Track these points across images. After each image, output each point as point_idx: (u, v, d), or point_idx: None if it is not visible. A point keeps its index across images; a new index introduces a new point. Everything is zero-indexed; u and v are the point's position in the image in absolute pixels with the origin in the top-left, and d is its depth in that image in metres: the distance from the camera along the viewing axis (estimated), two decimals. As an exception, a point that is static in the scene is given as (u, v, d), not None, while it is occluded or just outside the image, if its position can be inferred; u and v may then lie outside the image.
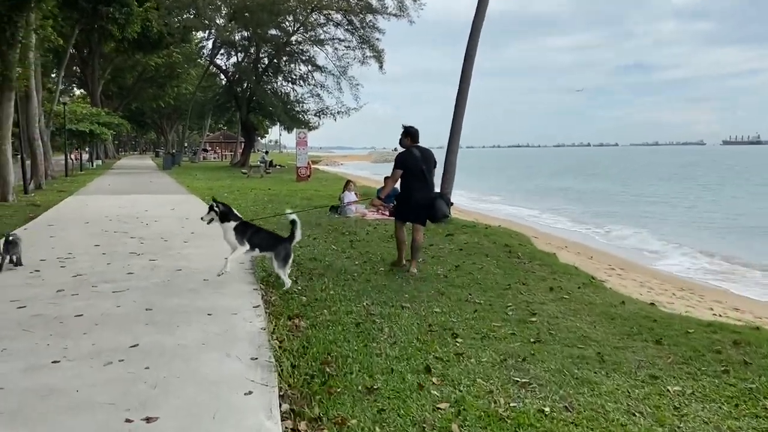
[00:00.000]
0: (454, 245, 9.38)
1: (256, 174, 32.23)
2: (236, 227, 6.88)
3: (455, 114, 12.18)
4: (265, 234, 7.10)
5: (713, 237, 17.90)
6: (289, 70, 44.94)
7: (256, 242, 6.86)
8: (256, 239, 6.87)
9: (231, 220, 6.92)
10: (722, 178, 50.60)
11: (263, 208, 15.16)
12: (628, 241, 16.75)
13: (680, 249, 15.46)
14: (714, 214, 24.05)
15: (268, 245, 6.79)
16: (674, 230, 19.10)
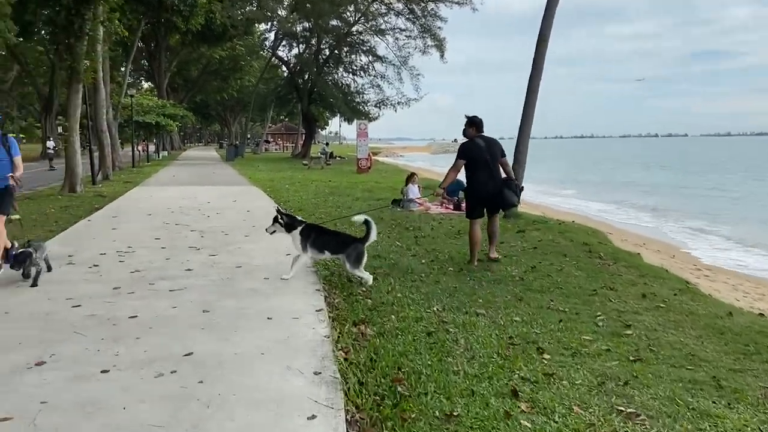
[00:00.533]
0: (527, 243, 8.73)
1: (317, 165, 32.17)
2: (300, 231, 6.57)
3: (527, 101, 11.46)
4: (332, 236, 6.70)
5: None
6: (349, 60, 44.72)
7: (321, 245, 6.50)
8: (320, 242, 6.51)
9: (296, 227, 6.61)
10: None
11: (324, 200, 14.84)
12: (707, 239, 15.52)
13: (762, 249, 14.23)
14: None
15: (336, 247, 6.42)
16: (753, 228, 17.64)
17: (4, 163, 6.81)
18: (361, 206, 13.67)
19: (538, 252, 8.05)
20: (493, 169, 7.25)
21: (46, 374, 3.73)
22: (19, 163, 6.92)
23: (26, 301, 5.45)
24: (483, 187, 7.28)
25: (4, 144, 6.83)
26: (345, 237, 6.68)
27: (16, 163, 6.88)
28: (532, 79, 11.48)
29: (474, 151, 7.28)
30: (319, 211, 12.56)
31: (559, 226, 10.75)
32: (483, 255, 7.70)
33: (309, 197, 15.52)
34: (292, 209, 12.87)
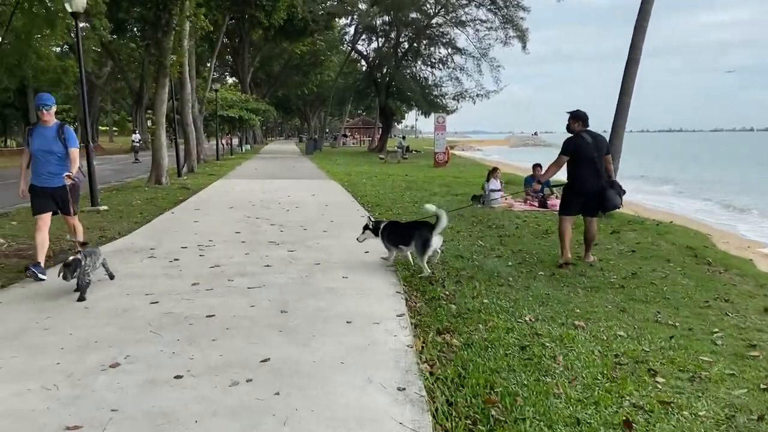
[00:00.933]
0: (624, 246, 8.06)
1: (393, 160, 31.93)
2: (381, 231, 6.81)
3: (622, 91, 10.66)
4: (401, 227, 6.81)
5: None
6: (428, 53, 44.24)
7: (394, 240, 6.68)
8: (393, 237, 6.70)
9: (379, 228, 6.88)
10: None
11: (401, 195, 14.52)
12: None
13: None
14: None
15: (405, 239, 6.51)
16: None
17: (60, 156, 6.22)
18: (439, 202, 13.25)
19: (638, 256, 7.39)
20: (598, 167, 6.86)
21: (119, 378, 3.57)
22: (75, 157, 6.27)
23: (106, 296, 5.40)
24: (585, 185, 6.89)
25: (60, 135, 6.20)
26: (412, 226, 6.64)
27: (72, 156, 6.24)
28: (627, 69, 10.68)
29: (580, 146, 6.89)
30: (396, 207, 12.26)
31: (656, 227, 9.94)
32: (576, 258, 7.15)
33: (386, 192, 15.24)
34: (369, 204, 12.65)
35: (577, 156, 6.90)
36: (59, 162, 6.19)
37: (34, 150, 6.17)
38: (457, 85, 43.33)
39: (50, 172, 6.18)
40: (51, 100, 6.24)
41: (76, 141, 6.31)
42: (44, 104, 6.15)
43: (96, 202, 12.25)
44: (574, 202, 7.06)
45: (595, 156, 6.84)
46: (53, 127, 6.24)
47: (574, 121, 7.09)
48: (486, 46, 40.72)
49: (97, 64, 52.71)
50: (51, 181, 6.19)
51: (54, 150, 6.16)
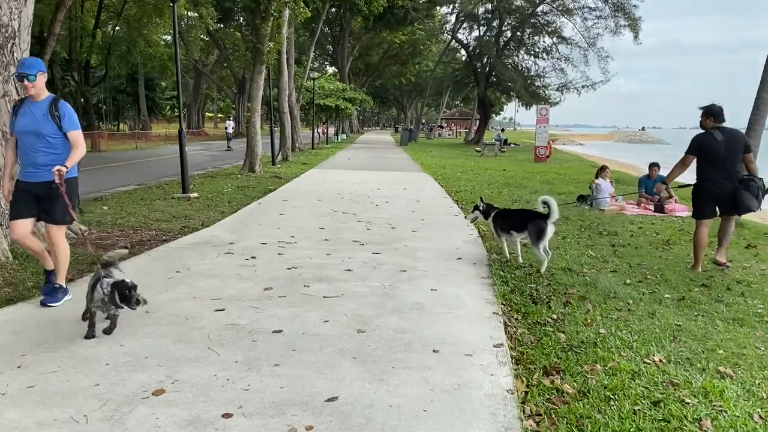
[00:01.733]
0: (766, 264, 6.78)
1: (490, 153, 30.71)
2: (493, 218, 6.84)
3: (762, 85, 9.18)
4: (514, 214, 6.87)
5: None
6: (531, 42, 42.47)
7: (507, 226, 6.65)
8: (506, 224, 6.67)
9: (491, 213, 6.90)
10: None
11: (498, 192, 13.54)
12: None
13: None
14: None
15: (517, 226, 6.49)
16: None
17: (51, 141, 4.58)
18: (535, 193, 12.20)
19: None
20: (730, 167, 6.33)
21: (159, 411, 3.00)
22: (77, 141, 4.64)
23: (170, 299, 4.93)
24: (715, 186, 6.40)
25: (53, 113, 4.56)
26: (527, 214, 6.64)
27: (74, 141, 4.63)
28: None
29: (708, 144, 6.42)
30: (493, 198, 11.31)
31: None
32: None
33: (482, 188, 14.30)
34: (464, 202, 11.80)
35: (704, 155, 6.45)
36: (49, 149, 4.57)
37: (18, 132, 4.63)
38: (561, 75, 41.43)
39: (36, 163, 4.59)
40: (35, 67, 4.52)
41: (76, 121, 4.70)
42: (26, 73, 4.47)
43: (187, 189, 12.17)
44: (704, 205, 6.58)
45: (726, 154, 6.32)
46: (44, 101, 4.59)
47: (706, 117, 6.58)
48: (594, 35, 38.64)
49: (204, 52, 54.75)
50: (37, 174, 4.61)
51: (43, 132, 4.53)
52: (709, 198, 6.50)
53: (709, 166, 6.44)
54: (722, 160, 6.34)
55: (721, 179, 6.35)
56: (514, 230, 6.51)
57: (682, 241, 8.20)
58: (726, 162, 6.33)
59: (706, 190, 6.49)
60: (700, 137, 6.54)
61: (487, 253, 7.03)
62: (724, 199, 6.42)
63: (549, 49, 41.72)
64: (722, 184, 6.35)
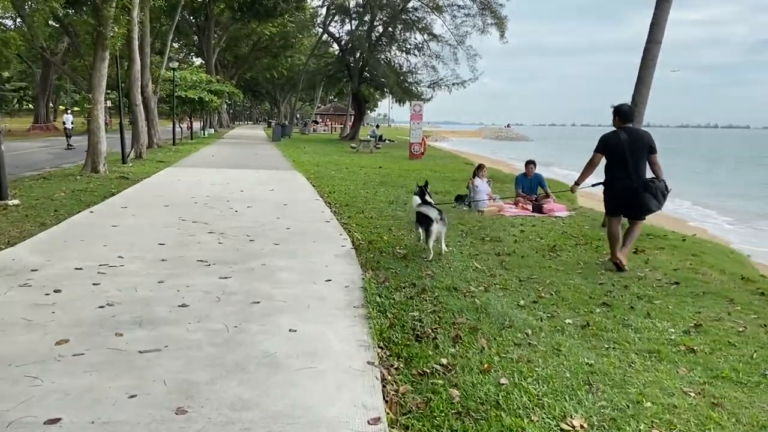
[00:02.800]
0: (661, 273, 6.25)
1: (366, 149, 29.91)
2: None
3: (639, 79, 8.85)
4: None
5: None
6: (403, 38, 42.18)
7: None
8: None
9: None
10: None
11: (374, 193, 12.58)
12: None
13: None
14: None
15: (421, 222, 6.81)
16: None
17: None
18: (418, 202, 11.39)
19: (687, 292, 5.56)
20: (632, 167, 6.29)
21: None
22: None
23: None
24: (614, 185, 6.45)
25: None
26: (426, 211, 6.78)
27: None
28: (647, 53, 8.86)
29: (612, 143, 6.42)
30: (369, 207, 10.33)
31: (683, 242, 8.19)
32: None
33: (357, 188, 13.28)
34: (337, 204, 10.70)
35: (609, 154, 6.45)
36: None
37: None
38: (433, 73, 41.56)
39: None
40: None
41: None
42: None
43: (4, 195, 10.06)
44: (610, 203, 6.62)
45: (628, 154, 6.27)
46: None
47: (614, 116, 6.62)
48: (463, 33, 38.93)
49: (54, 39, 49.42)
50: None
51: None
52: (614, 197, 6.51)
53: (611, 166, 6.46)
54: (625, 160, 6.27)
55: (625, 179, 6.31)
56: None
57: (567, 246, 7.62)
58: (629, 162, 6.26)
59: (611, 188, 6.51)
60: (606, 136, 6.56)
61: (362, 270, 5.95)
62: (627, 199, 6.38)
63: (420, 46, 41.68)
64: (625, 184, 6.32)
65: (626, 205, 6.46)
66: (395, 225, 8.71)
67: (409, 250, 7.06)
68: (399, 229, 8.36)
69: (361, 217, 9.31)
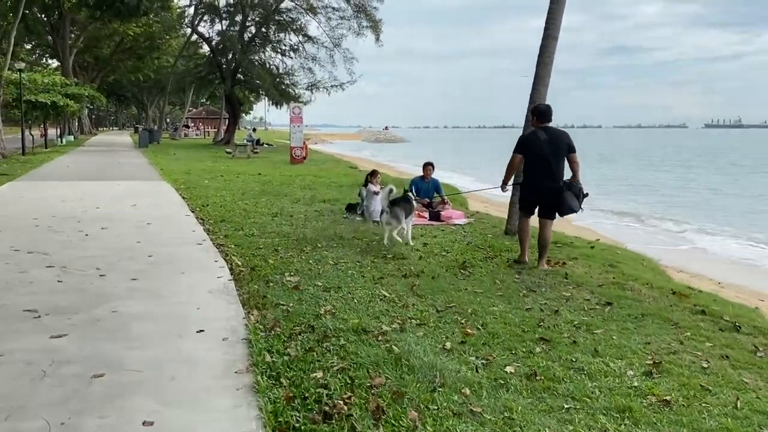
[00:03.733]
0: (586, 291, 5.53)
1: (242, 154, 28.08)
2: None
3: (536, 77, 8.25)
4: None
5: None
6: (278, 39, 40.62)
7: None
8: None
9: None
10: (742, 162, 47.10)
11: (254, 203, 11.24)
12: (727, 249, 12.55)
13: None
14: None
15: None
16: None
17: None
18: (306, 212, 10.20)
19: (623, 314, 4.81)
20: (553, 167, 6.25)
21: None
22: None
23: None
24: (538, 186, 6.39)
25: None
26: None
27: None
28: (543, 50, 8.28)
29: (531, 144, 6.36)
30: (249, 223, 9.01)
31: (591, 250, 7.67)
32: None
33: (235, 199, 11.84)
34: (211, 220, 9.28)
35: (529, 154, 6.41)
36: None
37: None
38: (310, 75, 40.36)
39: None
40: None
41: None
42: None
43: None
44: (526, 200, 6.63)
45: (548, 154, 6.22)
46: None
47: (532, 115, 6.62)
48: (339, 35, 38.14)
49: None
50: None
51: None
52: (531, 196, 6.50)
53: (532, 166, 6.40)
54: (544, 160, 6.21)
55: (544, 179, 6.26)
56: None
57: (477, 261, 6.81)
58: (548, 162, 6.20)
59: (529, 188, 6.50)
60: (525, 136, 6.53)
61: (245, 311, 4.72)
62: (546, 199, 6.33)
63: (296, 48, 40.33)
64: (545, 184, 6.28)
65: (547, 205, 6.38)
66: (282, 244, 7.49)
67: (301, 275, 5.91)
68: (287, 249, 7.16)
69: (240, 236, 8.00)
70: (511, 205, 8.24)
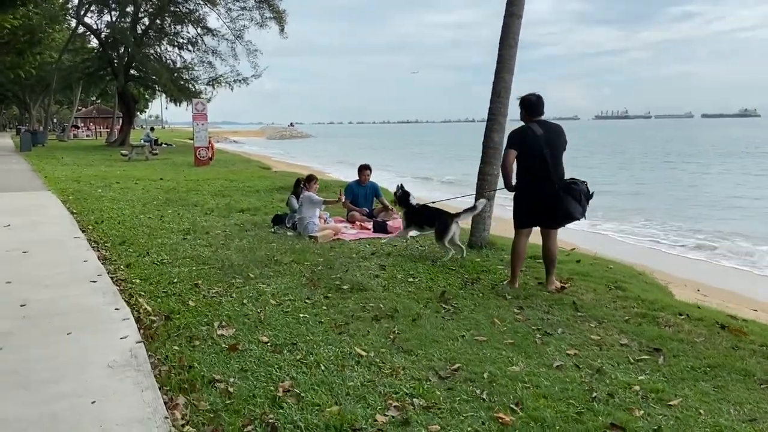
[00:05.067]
0: (613, 328, 4.31)
1: (140, 156, 25.29)
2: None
3: (500, 62, 6.99)
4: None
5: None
6: (175, 32, 37.57)
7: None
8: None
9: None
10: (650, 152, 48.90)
11: (159, 217, 9.36)
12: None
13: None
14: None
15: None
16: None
17: None
18: (225, 226, 8.49)
19: (680, 366, 3.61)
20: (550, 166, 5.19)
21: None
22: None
23: None
24: (534, 190, 5.28)
25: None
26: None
27: None
28: (506, 28, 7.02)
29: (527, 140, 5.27)
30: (156, 245, 7.22)
31: (578, 264, 6.52)
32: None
33: (135, 212, 9.86)
34: (107, 242, 7.41)
35: (524, 152, 5.26)
36: None
37: None
38: (211, 69, 37.68)
39: None
40: None
41: None
42: None
43: None
44: (522, 210, 5.44)
45: (546, 152, 5.18)
46: None
47: (520, 108, 5.48)
48: (240, 27, 35.75)
49: None
50: None
51: None
52: (527, 202, 5.35)
53: (527, 165, 5.27)
54: (544, 159, 5.16)
55: (541, 180, 5.19)
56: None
57: (455, 287, 5.47)
58: (547, 161, 5.16)
59: (524, 192, 5.35)
60: (521, 131, 5.34)
61: (166, 399, 3.11)
62: (543, 205, 5.25)
63: (194, 41, 37.48)
64: (542, 186, 5.19)
65: (543, 212, 5.29)
66: (203, 274, 5.82)
67: (236, 324, 4.34)
68: (211, 282, 5.51)
69: (147, 264, 6.24)
70: (476, 216, 6.97)
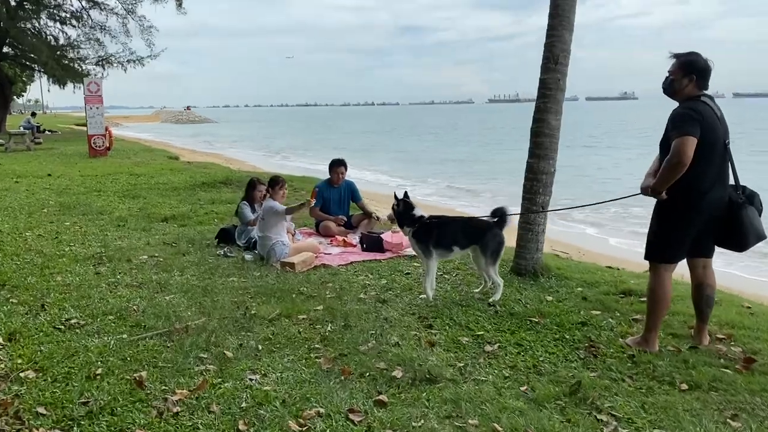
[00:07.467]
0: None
1: (20, 146, 21.21)
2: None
3: (553, 23, 5.06)
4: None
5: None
6: (56, 4, 32.65)
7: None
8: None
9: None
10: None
11: (55, 235, 6.79)
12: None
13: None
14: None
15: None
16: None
17: None
18: (150, 247, 6.11)
19: None
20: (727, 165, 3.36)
21: None
22: None
23: None
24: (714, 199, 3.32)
25: None
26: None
27: None
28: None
29: (709, 124, 3.23)
30: (55, 287, 4.79)
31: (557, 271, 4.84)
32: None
33: (18, 228, 7.15)
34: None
35: (705, 142, 3.22)
36: None
37: None
38: (99, 47, 33.22)
39: None
40: None
41: None
42: None
43: None
44: (681, 233, 3.38)
45: (722, 142, 3.32)
46: None
47: (684, 74, 3.32)
48: (132, 1, 31.61)
49: None
50: None
51: None
52: (695, 220, 3.37)
53: (702, 160, 3.25)
54: (723, 153, 3.36)
55: (714, 183, 3.36)
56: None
57: (571, 361, 3.60)
58: (729, 155, 3.39)
59: (692, 206, 3.36)
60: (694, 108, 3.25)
61: None
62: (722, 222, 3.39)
63: (79, 14, 32.81)
64: (718, 194, 3.37)
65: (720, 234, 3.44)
66: (143, 353, 3.56)
67: None
68: (163, 374, 3.29)
69: (42, 333, 3.86)
70: (524, 229, 5.11)
